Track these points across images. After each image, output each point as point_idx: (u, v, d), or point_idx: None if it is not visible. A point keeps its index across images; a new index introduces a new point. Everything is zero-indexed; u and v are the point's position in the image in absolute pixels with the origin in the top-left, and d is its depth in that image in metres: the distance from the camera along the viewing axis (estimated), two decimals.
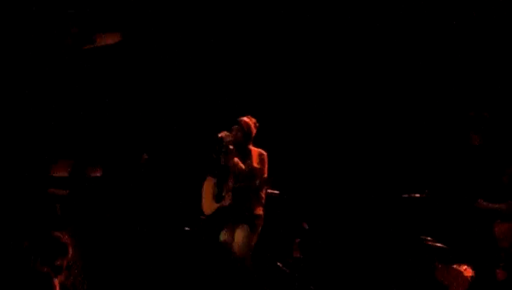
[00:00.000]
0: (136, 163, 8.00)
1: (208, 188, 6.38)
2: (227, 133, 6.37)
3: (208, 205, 6.37)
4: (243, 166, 6.20)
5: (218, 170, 6.31)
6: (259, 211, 6.33)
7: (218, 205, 6.31)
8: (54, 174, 8.00)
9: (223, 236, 6.34)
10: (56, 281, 4.78)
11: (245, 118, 6.36)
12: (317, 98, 8.52)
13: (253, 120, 6.40)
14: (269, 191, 6.59)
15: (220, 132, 6.37)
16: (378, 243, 7.79)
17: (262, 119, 6.58)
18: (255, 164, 6.21)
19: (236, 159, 6.22)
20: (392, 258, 7.46)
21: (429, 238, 6.76)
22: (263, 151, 6.37)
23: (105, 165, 8.15)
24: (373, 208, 7.97)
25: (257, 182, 6.16)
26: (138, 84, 8.81)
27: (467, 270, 6.52)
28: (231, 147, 6.26)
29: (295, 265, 7.43)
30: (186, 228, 7.44)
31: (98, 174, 7.93)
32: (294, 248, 7.63)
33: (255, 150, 6.37)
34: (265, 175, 6.28)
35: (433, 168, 7.49)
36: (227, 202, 6.24)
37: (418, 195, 6.89)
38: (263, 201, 6.38)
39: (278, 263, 7.53)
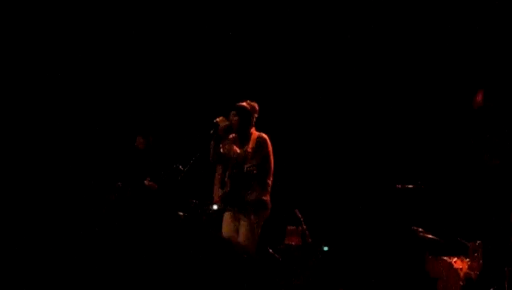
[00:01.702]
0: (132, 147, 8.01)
1: (217, 175, 6.35)
2: (223, 119, 6.31)
3: (216, 191, 6.34)
4: (237, 151, 6.15)
5: (219, 156, 6.26)
6: (261, 197, 6.13)
7: (222, 191, 6.25)
8: None
9: (226, 227, 6.24)
10: None
11: (242, 103, 6.30)
12: (317, 88, 8.54)
13: (252, 104, 6.27)
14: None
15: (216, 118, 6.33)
16: (369, 233, 7.82)
17: (264, 107, 6.53)
18: (249, 149, 6.15)
19: (229, 145, 6.17)
20: (383, 249, 7.50)
21: (420, 229, 6.78)
22: (263, 135, 6.21)
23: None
24: (366, 198, 7.99)
25: (246, 166, 6.07)
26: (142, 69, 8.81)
27: (457, 263, 6.53)
28: (232, 135, 6.20)
29: (286, 252, 7.45)
30: (180, 213, 7.43)
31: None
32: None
33: (254, 134, 6.22)
34: (268, 159, 6.13)
35: (427, 160, 7.52)
36: (228, 187, 6.19)
37: (411, 186, 6.90)
38: (268, 187, 6.18)
39: (270, 250, 7.56)
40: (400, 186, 6.96)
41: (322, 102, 8.51)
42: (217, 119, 6.26)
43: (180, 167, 6.64)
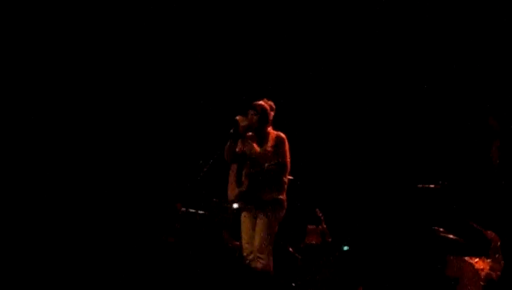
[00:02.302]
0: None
1: (232, 173, 6.36)
2: (243, 117, 6.30)
3: (232, 191, 6.34)
4: (257, 149, 6.13)
5: (236, 155, 6.25)
6: (278, 195, 6.11)
7: (238, 190, 6.21)
8: None
9: (244, 224, 6.25)
10: None
11: (260, 102, 6.29)
12: (337, 85, 8.54)
13: (270, 103, 6.25)
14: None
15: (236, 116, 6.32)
16: (390, 233, 7.80)
17: (281, 105, 6.54)
18: (269, 148, 6.15)
19: (249, 143, 6.16)
20: (404, 249, 7.47)
21: (442, 229, 6.74)
22: (281, 134, 6.18)
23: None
24: (387, 197, 7.97)
25: (266, 165, 6.05)
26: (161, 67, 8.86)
27: (478, 263, 6.50)
28: (250, 133, 6.19)
29: (306, 251, 7.46)
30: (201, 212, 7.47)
31: None
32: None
33: (272, 133, 6.20)
34: (286, 158, 6.10)
35: (448, 160, 7.48)
36: (245, 186, 6.19)
37: (432, 186, 6.86)
38: (285, 186, 6.16)
39: (290, 249, 7.57)
40: (421, 185, 6.94)
41: (343, 100, 8.50)
42: (237, 118, 6.26)
43: (202, 164, 6.66)
